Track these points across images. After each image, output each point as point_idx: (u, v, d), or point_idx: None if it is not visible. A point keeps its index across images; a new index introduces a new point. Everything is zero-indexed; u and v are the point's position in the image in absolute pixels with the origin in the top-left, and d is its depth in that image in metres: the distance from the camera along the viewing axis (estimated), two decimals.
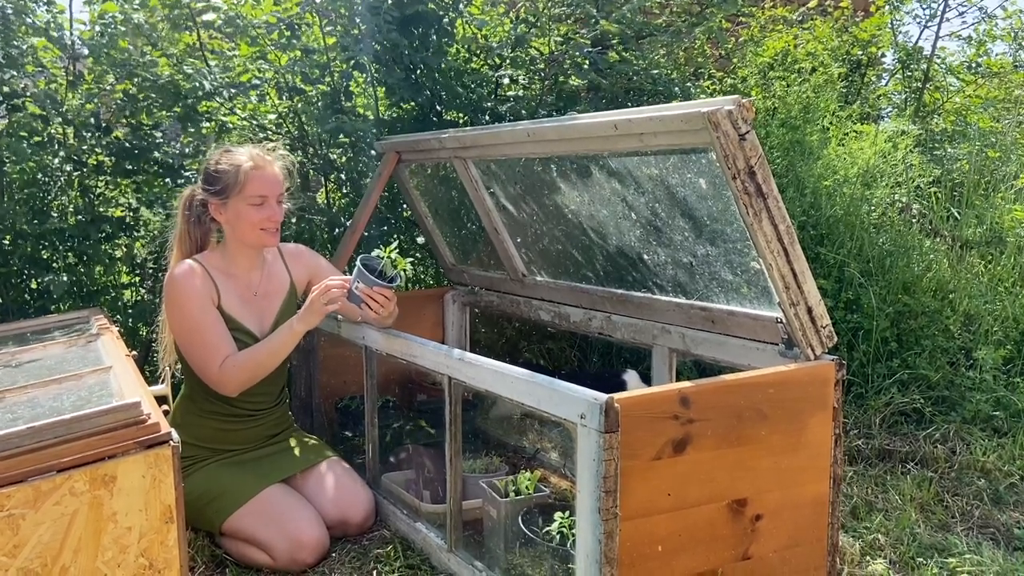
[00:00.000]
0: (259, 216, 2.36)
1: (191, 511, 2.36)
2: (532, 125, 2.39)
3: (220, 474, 2.37)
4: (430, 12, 3.39)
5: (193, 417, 2.43)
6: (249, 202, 2.34)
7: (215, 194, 2.36)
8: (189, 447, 2.38)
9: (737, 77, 4.53)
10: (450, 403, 2.14)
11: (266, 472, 2.39)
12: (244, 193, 2.33)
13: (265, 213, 2.36)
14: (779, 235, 1.84)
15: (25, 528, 1.50)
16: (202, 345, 2.30)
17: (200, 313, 2.31)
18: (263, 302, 2.48)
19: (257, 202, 2.35)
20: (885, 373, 3.35)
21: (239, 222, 2.37)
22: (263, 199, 2.35)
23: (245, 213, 2.35)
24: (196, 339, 2.31)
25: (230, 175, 2.34)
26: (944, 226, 4.32)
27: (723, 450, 1.79)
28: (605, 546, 1.64)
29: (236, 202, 2.35)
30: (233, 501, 2.30)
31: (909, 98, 5.69)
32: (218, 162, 2.38)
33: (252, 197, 2.34)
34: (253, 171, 2.34)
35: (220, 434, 2.44)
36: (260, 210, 2.35)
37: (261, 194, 2.35)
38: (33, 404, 1.79)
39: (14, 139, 2.98)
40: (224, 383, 2.30)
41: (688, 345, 2.37)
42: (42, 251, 3.12)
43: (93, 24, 3.24)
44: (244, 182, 2.33)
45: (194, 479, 2.35)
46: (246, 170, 2.33)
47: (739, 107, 1.72)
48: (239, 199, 2.34)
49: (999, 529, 2.49)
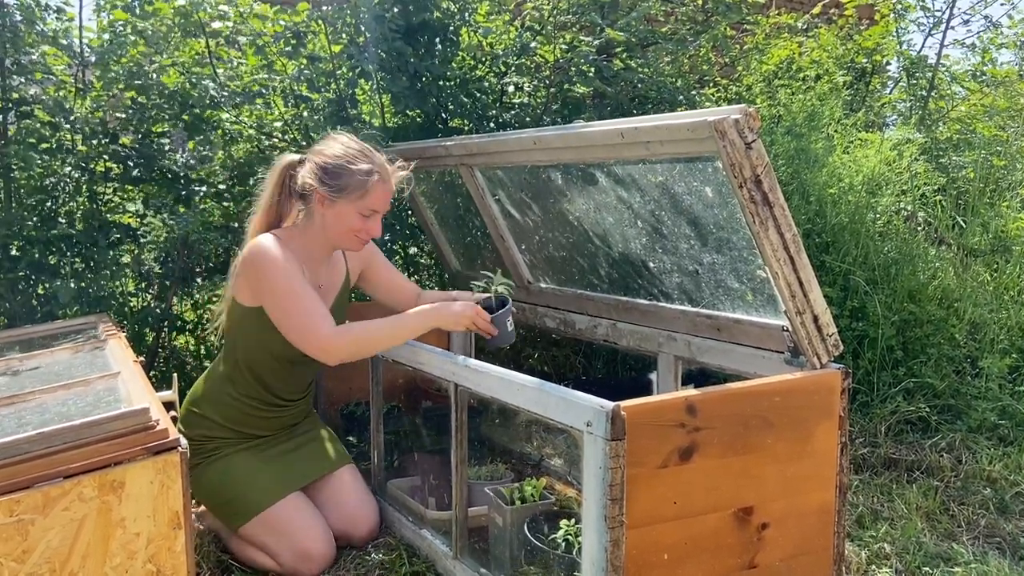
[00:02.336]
0: (361, 225, 2.27)
1: (208, 498, 2.39)
2: (538, 133, 2.40)
3: (241, 471, 2.33)
4: (436, 20, 3.41)
5: (227, 397, 2.37)
6: (360, 210, 2.25)
7: (329, 187, 2.24)
8: (215, 425, 2.37)
9: (742, 85, 4.54)
10: (456, 410, 2.14)
11: (285, 478, 2.36)
12: (362, 201, 2.24)
13: (368, 225, 2.28)
14: (785, 243, 1.84)
15: (34, 533, 1.50)
16: (304, 311, 2.16)
17: (296, 280, 2.19)
18: (326, 294, 2.41)
19: (367, 213, 2.27)
20: (891, 381, 3.35)
21: (338, 223, 2.27)
22: (373, 213, 2.27)
23: (350, 219, 2.26)
24: (297, 305, 2.17)
25: (354, 178, 2.23)
26: (949, 234, 4.31)
27: (729, 458, 1.79)
28: (611, 554, 1.64)
29: (346, 204, 2.25)
30: (249, 509, 2.29)
31: (914, 106, 5.69)
32: (343, 157, 2.25)
33: (364, 208, 2.25)
34: (379, 184, 2.25)
35: (248, 419, 2.39)
36: (365, 221, 2.27)
37: (375, 208, 2.27)
38: (41, 410, 1.79)
39: (23, 146, 3.00)
40: (331, 350, 2.16)
41: (694, 353, 2.37)
42: (50, 257, 3.13)
43: (102, 32, 3.26)
44: (367, 191, 2.24)
45: (215, 470, 2.33)
46: (374, 181, 2.24)
47: (745, 116, 1.72)
48: (352, 203, 2.24)
49: (1005, 538, 2.49)
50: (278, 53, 3.42)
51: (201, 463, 2.36)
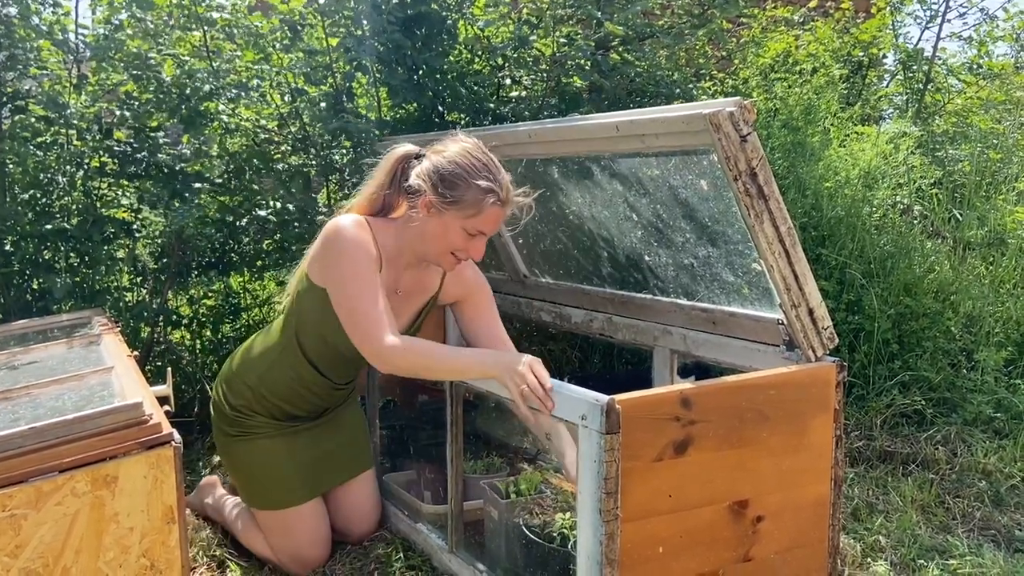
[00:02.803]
0: (463, 244, 2.07)
1: (235, 471, 2.40)
2: (534, 126, 2.39)
3: (276, 462, 2.31)
4: (433, 13, 3.39)
5: (279, 374, 2.28)
6: (467, 228, 2.05)
7: (440, 196, 2.04)
8: (260, 401, 2.31)
9: (738, 78, 4.53)
10: (451, 404, 2.14)
11: (313, 484, 2.36)
12: (472, 220, 2.04)
13: (471, 245, 2.08)
14: (780, 236, 1.84)
15: (27, 528, 1.50)
16: (372, 311, 2.00)
17: (370, 274, 2.04)
18: (402, 302, 2.25)
19: (474, 233, 2.06)
20: (886, 375, 3.35)
21: (439, 235, 2.07)
22: (479, 234, 2.07)
23: (453, 235, 2.06)
24: (366, 302, 2.01)
25: (471, 194, 2.02)
26: (945, 228, 4.32)
27: (724, 451, 1.79)
28: (606, 547, 1.64)
29: (454, 218, 2.04)
30: (271, 502, 2.31)
31: (910, 99, 5.68)
32: (464, 167, 2.04)
33: (473, 228, 2.05)
34: (495, 206, 2.04)
35: (296, 397, 2.31)
36: (469, 240, 2.07)
37: (483, 231, 2.07)
38: (35, 404, 1.79)
39: (17, 141, 2.98)
40: (388, 360, 2.00)
41: (689, 346, 2.37)
42: (44, 252, 3.12)
43: (97, 26, 3.24)
44: (481, 211, 2.03)
45: (252, 448, 2.32)
46: (491, 203, 2.03)
47: (741, 109, 1.72)
48: (460, 219, 2.04)
49: (1000, 531, 2.49)
50: (274, 43, 3.41)
51: (239, 436, 2.34)
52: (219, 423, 2.40)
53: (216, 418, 2.41)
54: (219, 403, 2.40)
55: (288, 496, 2.31)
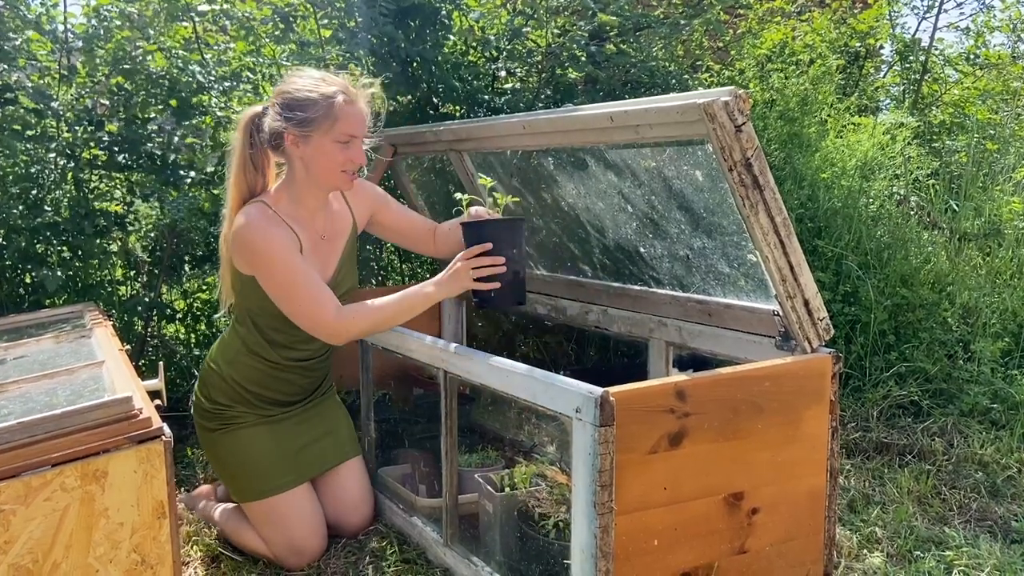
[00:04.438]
0: (343, 156, 2.15)
1: (220, 466, 2.39)
2: (527, 117, 2.37)
3: (260, 450, 2.31)
4: (426, 4, 3.37)
5: (244, 357, 2.32)
6: (336, 139, 2.13)
7: (297, 124, 2.12)
8: (235, 388, 2.33)
9: (735, 69, 4.51)
10: (446, 397, 2.13)
11: (299, 469, 2.35)
12: (333, 130, 2.12)
13: (349, 154, 2.15)
14: (776, 227, 1.83)
15: (16, 524, 1.48)
16: (308, 296, 2.11)
17: (295, 261, 2.12)
18: (327, 246, 2.31)
19: (344, 140, 2.14)
20: (883, 366, 3.35)
21: (319, 160, 2.15)
22: (351, 138, 2.15)
23: (329, 152, 2.14)
24: (300, 290, 2.11)
25: (320, 107, 2.10)
26: (942, 218, 4.31)
27: (719, 444, 1.78)
28: (600, 540, 1.63)
29: (320, 138, 2.12)
30: (259, 492, 2.29)
31: (907, 90, 5.67)
32: (302, 88, 2.13)
33: (340, 135, 2.12)
34: (346, 106, 2.12)
35: (267, 379, 2.34)
36: (345, 150, 2.14)
37: (351, 133, 2.14)
38: (25, 399, 1.77)
39: (7, 133, 2.96)
40: (340, 333, 2.13)
41: (684, 338, 2.36)
42: (36, 245, 3.10)
43: (88, 17, 3.22)
44: (336, 117, 2.11)
45: (232, 441, 2.32)
46: (339, 104, 2.11)
47: (735, 98, 1.70)
48: (325, 135, 2.12)
49: (996, 522, 2.49)
50: (267, 37, 3.38)
51: (220, 429, 2.34)
52: (200, 421, 2.40)
53: (197, 417, 2.41)
54: (198, 401, 2.41)
55: (276, 482, 2.30)
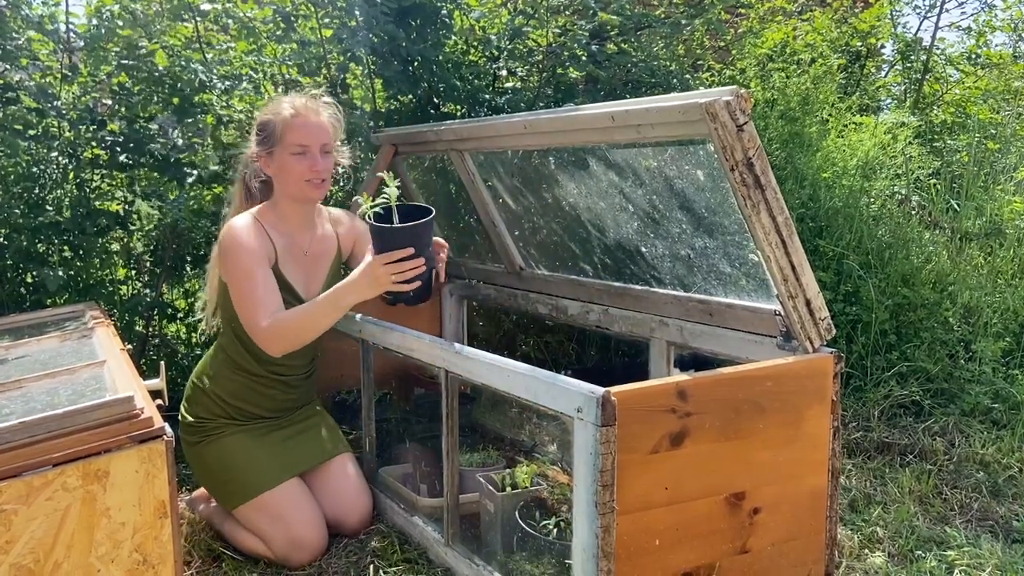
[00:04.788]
0: (301, 167, 2.30)
1: (206, 480, 2.39)
2: (529, 117, 2.37)
3: (242, 453, 2.33)
4: (427, 3, 3.37)
5: (226, 371, 2.40)
6: (291, 151, 2.29)
7: (261, 145, 2.34)
8: (216, 402, 2.38)
9: (736, 69, 4.51)
10: (447, 396, 2.13)
11: (285, 463, 2.36)
12: (285, 143, 2.29)
13: (307, 163, 2.30)
14: (777, 227, 1.83)
15: (17, 524, 1.49)
16: (252, 297, 2.21)
17: (255, 265, 2.24)
18: (312, 264, 2.43)
19: (298, 151, 2.29)
20: (884, 366, 3.35)
21: (282, 174, 2.33)
22: (304, 148, 2.30)
23: (288, 164, 2.30)
24: (247, 290, 2.22)
25: (274, 124, 2.31)
26: (943, 218, 4.31)
27: (721, 443, 1.78)
28: (602, 540, 1.63)
29: (280, 153, 2.31)
30: (248, 490, 2.29)
31: (908, 89, 5.66)
32: (264, 114, 2.36)
33: (293, 147, 2.29)
34: (294, 119, 2.30)
35: (250, 393, 2.40)
36: (302, 160, 2.30)
37: (302, 143, 2.29)
38: (26, 398, 1.77)
39: (9, 132, 2.96)
40: (268, 340, 2.21)
41: (686, 338, 2.36)
42: (37, 245, 3.10)
43: (90, 18, 3.22)
44: (284, 131, 2.30)
45: (216, 449, 2.34)
46: (285, 118, 2.30)
47: (737, 98, 1.70)
48: (284, 150, 2.30)
49: (998, 522, 2.49)
50: (268, 36, 3.38)
51: (202, 441, 2.36)
52: (185, 436, 2.42)
53: (182, 434, 2.43)
54: (183, 418, 2.43)
55: (265, 478, 2.30)
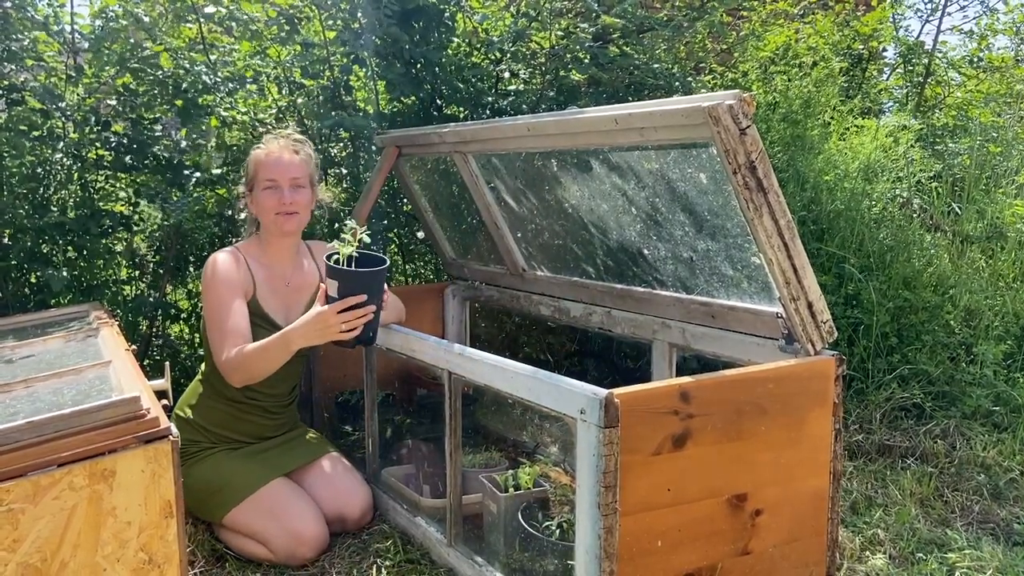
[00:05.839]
0: (271, 201, 2.41)
1: (193, 500, 2.38)
2: (532, 119, 2.38)
3: (225, 465, 2.38)
4: (430, 6, 3.38)
5: (207, 399, 2.47)
6: (263, 187, 2.42)
7: (246, 185, 2.50)
8: (198, 430, 2.44)
9: (738, 71, 4.52)
10: (450, 397, 2.14)
11: (270, 465, 2.40)
12: (258, 179, 2.43)
13: (276, 197, 2.41)
14: (780, 230, 1.83)
15: (24, 523, 1.49)
16: (220, 328, 2.30)
17: (228, 296, 2.33)
18: (293, 294, 2.51)
19: (269, 185, 2.41)
20: (885, 368, 3.35)
21: (259, 209, 2.45)
22: (273, 183, 2.41)
23: (261, 199, 2.43)
24: (216, 321, 2.31)
25: (249, 164, 2.47)
26: (945, 221, 4.31)
27: (723, 445, 1.79)
28: (605, 541, 1.64)
29: (257, 189, 2.44)
30: (236, 495, 2.31)
31: (910, 92, 5.67)
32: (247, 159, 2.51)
33: (264, 182, 2.42)
34: (266, 157, 2.43)
35: (231, 420, 2.46)
36: (272, 194, 2.41)
37: (270, 178, 2.41)
38: (32, 398, 1.78)
39: (13, 133, 2.97)
40: (228, 371, 2.29)
41: (688, 340, 2.37)
42: (42, 245, 3.11)
43: (94, 18, 3.23)
44: (257, 169, 2.44)
45: (200, 468, 2.37)
46: (259, 158, 2.44)
47: (740, 102, 1.71)
48: (259, 186, 2.43)
49: (999, 524, 2.49)
50: (271, 39, 3.39)
51: (185, 464, 2.36)
52: None
53: None
54: None
55: (251, 480, 2.33)
